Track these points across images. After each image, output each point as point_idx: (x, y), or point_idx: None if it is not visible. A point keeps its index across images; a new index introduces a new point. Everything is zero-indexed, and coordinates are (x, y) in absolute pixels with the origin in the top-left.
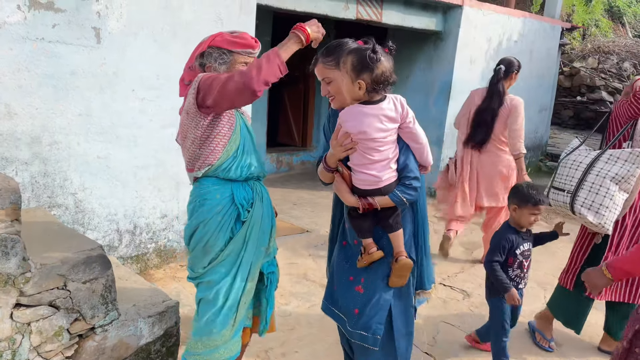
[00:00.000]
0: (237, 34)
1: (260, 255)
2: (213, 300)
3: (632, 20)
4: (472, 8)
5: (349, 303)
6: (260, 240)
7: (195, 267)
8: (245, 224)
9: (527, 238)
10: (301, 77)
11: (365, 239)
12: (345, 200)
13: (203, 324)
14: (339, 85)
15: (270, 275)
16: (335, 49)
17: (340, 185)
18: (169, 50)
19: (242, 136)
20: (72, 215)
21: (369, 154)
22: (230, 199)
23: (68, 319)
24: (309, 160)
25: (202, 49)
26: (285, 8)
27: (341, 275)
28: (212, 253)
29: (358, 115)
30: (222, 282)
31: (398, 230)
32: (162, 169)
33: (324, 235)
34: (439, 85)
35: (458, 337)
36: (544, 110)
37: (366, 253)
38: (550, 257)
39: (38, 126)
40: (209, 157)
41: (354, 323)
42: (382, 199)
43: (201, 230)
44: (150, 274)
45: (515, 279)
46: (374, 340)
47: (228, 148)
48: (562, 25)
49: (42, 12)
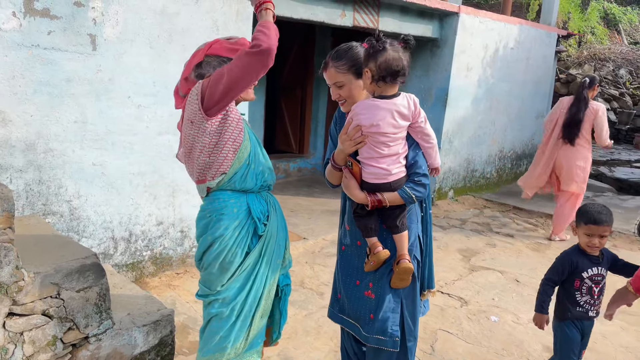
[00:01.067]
0: (234, 39)
1: (276, 268)
2: (228, 316)
3: (627, 27)
4: (469, 15)
5: (362, 309)
6: (276, 253)
7: (212, 285)
8: (262, 238)
9: (599, 262)
10: (298, 83)
11: (370, 237)
12: (354, 196)
13: (217, 341)
14: (350, 88)
15: (285, 288)
16: (346, 53)
17: (350, 181)
18: (165, 57)
19: (252, 143)
20: (67, 223)
21: (378, 148)
22: (247, 213)
23: (61, 328)
24: (306, 167)
25: (199, 59)
26: (282, 15)
27: (347, 281)
28: (231, 270)
29: (372, 108)
30: (237, 297)
31: (404, 232)
32: (158, 176)
33: (321, 242)
34: (435, 92)
35: (456, 345)
36: (540, 117)
37: (372, 253)
38: (547, 264)
39: (33, 133)
40: (222, 165)
41: (370, 328)
42: (390, 196)
43: (218, 247)
44: (145, 282)
45: (585, 305)
46: (393, 343)
47: (240, 155)
48: (558, 32)
49: (38, 19)
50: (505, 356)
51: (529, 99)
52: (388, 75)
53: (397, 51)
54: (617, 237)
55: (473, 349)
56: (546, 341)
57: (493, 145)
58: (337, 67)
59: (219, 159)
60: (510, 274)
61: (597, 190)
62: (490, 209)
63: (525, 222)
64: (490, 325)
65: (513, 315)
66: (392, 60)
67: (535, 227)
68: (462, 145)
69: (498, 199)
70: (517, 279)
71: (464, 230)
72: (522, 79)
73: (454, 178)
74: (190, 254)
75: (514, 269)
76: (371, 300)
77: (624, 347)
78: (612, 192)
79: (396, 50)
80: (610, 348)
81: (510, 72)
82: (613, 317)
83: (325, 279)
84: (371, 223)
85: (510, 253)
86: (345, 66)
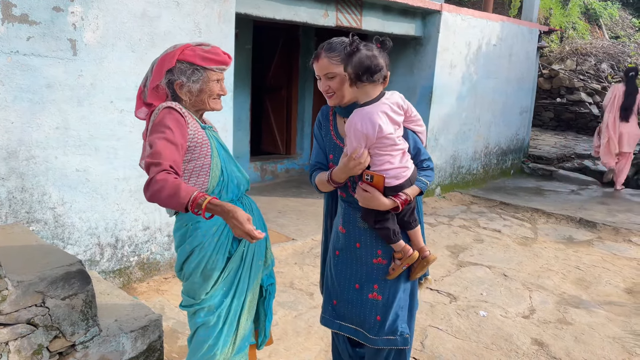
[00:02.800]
0: (207, 47)
1: (258, 269)
2: (215, 324)
3: (608, 22)
4: (451, 13)
5: (368, 312)
6: (257, 254)
7: (196, 294)
8: (242, 241)
9: None
10: (283, 84)
11: (397, 242)
12: (381, 205)
13: (205, 350)
14: (342, 80)
15: (269, 287)
16: (339, 45)
17: (374, 194)
18: (147, 61)
19: (221, 156)
20: (51, 230)
21: (389, 151)
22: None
23: (47, 337)
24: (294, 167)
25: (170, 64)
26: (264, 16)
27: (345, 285)
28: (214, 277)
29: (367, 116)
30: (222, 304)
31: (417, 226)
32: (143, 181)
33: (310, 243)
34: (420, 90)
35: (446, 341)
36: (524, 112)
37: (405, 257)
38: (533, 258)
39: (14, 140)
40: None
41: (378, 330)
42: (410, 190)
43: (197, 255)
44: (133, 288)
45: None
46: (403, 341)
47: (212, 174)
48: (540, 28)
49: (16, 25)
50: (494, 350)
51: (512, 94)
52: (364, 73)
53: (370, 50)
54: (602, 229)
55: (462, 344)
56: (534, 334)
57: (478, 141)
58: (331, 58)
59: (189, 183)
60: (498, 269)
61: (581, 184)
62: (477, 204)
63: (512, 217)
64: (479, 320)
65: (501, 310)
66: (365, 58)
67: (521, 221)
68: (448, 142)
69: (485, 194)
70: (504, 274)
71: (452, 227)
72: (506, 75)
73: (441, 175)
74: None
75: (502, 263)
76: (378, 302)
77: (611, 337)
78: (597, 184)
79: (370, 49)
80: (597, 339)
81: (493, 68)
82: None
83: (314, 279)
84: (394, 226)
85: (497, 248)
86: (339, 57)
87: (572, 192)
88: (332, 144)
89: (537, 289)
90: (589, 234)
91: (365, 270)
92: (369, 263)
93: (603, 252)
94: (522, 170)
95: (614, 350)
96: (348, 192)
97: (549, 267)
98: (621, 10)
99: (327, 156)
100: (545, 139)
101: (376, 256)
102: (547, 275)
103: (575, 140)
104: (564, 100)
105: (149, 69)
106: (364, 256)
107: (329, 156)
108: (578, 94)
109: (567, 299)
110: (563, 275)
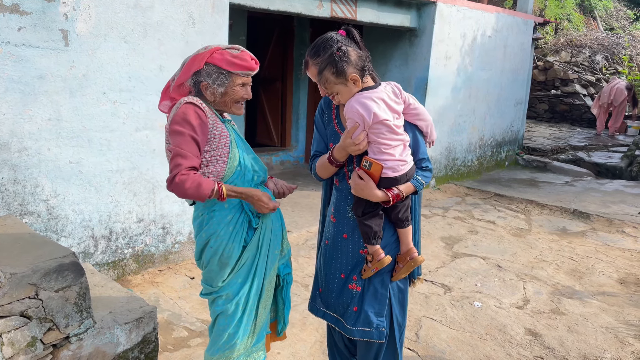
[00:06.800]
0: (236, 52)
1: (275, 258)
2: (233, 312)
3: (602, 13)
4: (446, 4)
5: (346, 302)
6: (273, 243)
7: (213, 282)
8: (257, 230)
9: None
10: (278, 76)
11: (373, 245)
12: (373, 196)
13: (226, 339)
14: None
15: (286, 277)
16: (323, 47)
17: (368, 182)
18: (140, 52)
19: (239, 147)
20: (44, 223)
21: (387, 139)
22: (240, 207)
23: (41, 329)
24: (289, 159)
25: (198, 66)
26: (258, 7)
27: (331, 274)
28: (230, 264)
29: (364, 101)
30: (240, 292)
31: (409, 226)
32: (137, 173)
33: (305, 234)
34: (415, 81)
35: (440, 332)
36: (519, 104)
37: (374, 260)
38: (527, 249)
39: (6, 132)
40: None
41: (354, 321)
42: (404, 187)
43: (214, 243)
44: (128, 280)
45: None
46: (379, 334)
47: (230, 164)
48: (535, 19)
49: (7, 15)
50: (488, 340)
51: (507, 86)
52: (367, 67)
53: (350, 45)
54: (596, 220)
55: (457, 335)
56: (528, 325)
57: (473, 133)
58: (317, 65)
59: (205, 172)
60: (492, 260)
61: (575, 175)
62: (472, 196)
63: (506, 208)
64: (473, 310)
65: (495, 300)
66: (359, 54)
67: (516, 213)
68: (443, 134)
69: (479, 186)
70: (499, 265)
71: (447, 218)
72: (501, 66)
73: (436, 167)
74: (172, 250)
75: (496, 254)
76: (356, 292)
77: (604, 327)
78: (591, 176)
79: (349, 44)
80: (590, 329)
81: (488, 60)
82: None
83: (309, 271)
84: (378, 228)
85: (492, 239)
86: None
87: (566, 184)
88: (334, 133)
89: (531, 279)
90: (583, 225)
91: (352, 261)
92: (355, 254)
93: (596, 243)
94: (517, 162)
95: (607, 340)
96: (344, 180)
97: (543, 258)
98: (616, 2)
99: (327, 145)
100: (539, 130)
101: (364, 247)
102: (540, 266)
103: (570, 132)
104: (559, 92)
105: (180, 66)
106: (351, 246)
107: (330, 145)
108: (572, 86)
109: (560, 289)
110: (557, 266)
